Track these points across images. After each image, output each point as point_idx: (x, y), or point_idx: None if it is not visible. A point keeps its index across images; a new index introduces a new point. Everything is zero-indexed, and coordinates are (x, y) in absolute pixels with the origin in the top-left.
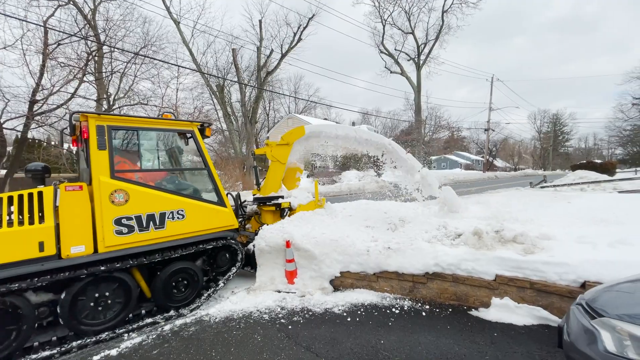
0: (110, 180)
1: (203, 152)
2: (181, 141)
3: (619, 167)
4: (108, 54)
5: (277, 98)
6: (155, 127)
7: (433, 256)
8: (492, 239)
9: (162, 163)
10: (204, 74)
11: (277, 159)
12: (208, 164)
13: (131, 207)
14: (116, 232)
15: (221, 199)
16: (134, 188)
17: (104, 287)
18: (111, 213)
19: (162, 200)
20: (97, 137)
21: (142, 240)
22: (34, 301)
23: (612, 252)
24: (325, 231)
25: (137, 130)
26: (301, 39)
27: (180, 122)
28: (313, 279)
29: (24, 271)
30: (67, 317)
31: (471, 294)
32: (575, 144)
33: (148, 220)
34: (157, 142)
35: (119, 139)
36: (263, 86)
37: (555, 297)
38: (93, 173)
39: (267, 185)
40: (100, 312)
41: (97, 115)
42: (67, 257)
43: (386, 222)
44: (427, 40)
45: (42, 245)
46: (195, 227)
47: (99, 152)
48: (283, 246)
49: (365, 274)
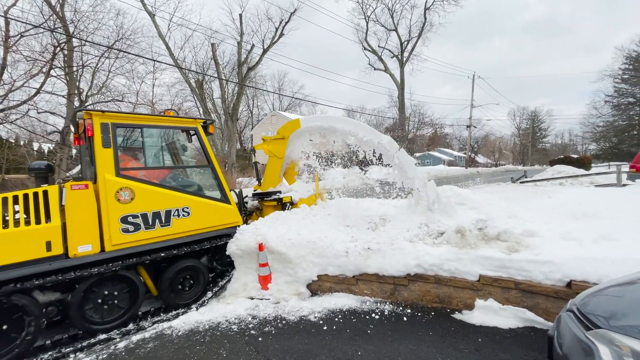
0: (116, 178)
1: (207, 149)
2: (184, 138)
3: (593, 162)
4: (79, 48)
5: (261, 95)
6: (160, 124)
7: (415, 256)
8: (475, 237)
9: (167, 160)
10: (181, 69)
11: (274, 154)
12: (212, 161)
13: (137, 205)
14: (122, 230)
15: (225, 195)
16: (139, 186)
17: (112, 286)
18: (117, 211)
19: (168, 197)
20: (101, 135)
21: (148, 238)
22: (41, 301)
23: (597, 248)
24: (302, 232)
25: (141, 128)
26: (283, 34)
27: (184, 120)
28: (288, 283)
29: (32, 271)
30: (76, 317)
31: (454, 296)
32: (552, 140)
33: (154, 218)
34: (161, 139)
35: (122, 137)
36: (244, 82)
37: (541, 298)
38: (98, 171)
39: (266, 180)
40: (108, 310)
41: (102, 113)
42: (74, 256)
43: (366, 221)
44: (410, 38)
45: (50, 244)
46: (201, 225)
47: (103, 150)
48: (256, 249)
49: (344, 276)
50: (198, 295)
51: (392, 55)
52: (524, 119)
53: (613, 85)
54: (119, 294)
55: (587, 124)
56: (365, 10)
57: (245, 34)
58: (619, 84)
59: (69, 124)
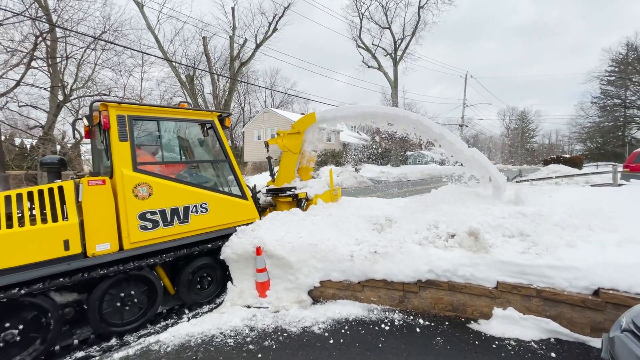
0: (133, 173)
1: (224, 143)
2: (200, 132)
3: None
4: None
5: (253, 92)
6: (176, 117)
7: (426, 261)
8: (489, 239)
9: (183, 155)
10: (171, 62)
11: (288, 149)
12: (229, 156)
13: (155, 201)
14: (141, 227)
15: (243, 191)
16: (157, 181)
17: (130, 286)
18: (135, 208)
19: (186, 193)
20: (118, 128)
21: (167, 235)
22: (59, 302)
23: (622, 252)
24: (302, 234)
25: (157, 121)
26: (277, 29)
27: (200, 112)
28: (288, 290)
29: (51, 271)
30: (95, 318)
31: (469, 304)
32: (540, 140)
33: (172, 214)
34: (177, 132)
35: (137, 130)
36: (236, 77)
37: (566, 307)
38: (115, 166)
39: (281, 176)
40: (127, 311)
41: (118, 105)
42: (92, 255)
43: (371, 222)
44: (403, 36)
45: (67, 243)
46: (219, 221)
47: (120, 143)
48: (253, 253)
49: (349, 282)
50: (217, 292)
51: (386, 54)
52: (513, 119)
53: (600, 87)
54: (137, 294)
55: (574, 125)
56: (360, 7)
57: (237, 28)
58: (605, 86)
59: (79, 117)
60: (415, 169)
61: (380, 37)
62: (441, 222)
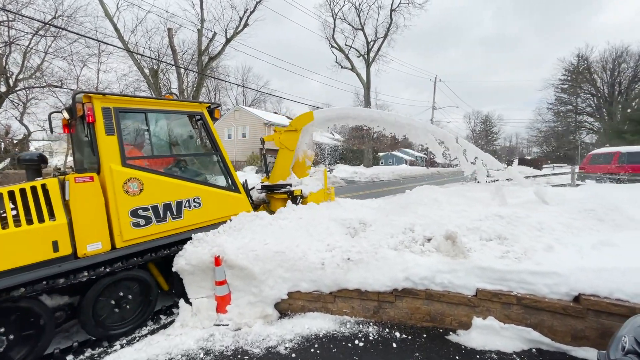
0: (123, 169)
1: (214, 135)
2: (189, 124)
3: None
4: (5, 23)
5: (223, 89)
6: (165, 108)
7: (402, 268)
8: (466, 243)
9: (173, 148)
10: (132, 53)
11: (285, 146)
12: (220, 148)
13: (146, 196)
14: (133, 224)
15: (235, 184)
16: (148, 176)
17: (125, 286)
18: (126, 204)
19: (178, 188)
20: (104, 121)
21: (160, 231)
22: (50, 305)
23: (599, 255)
24: (268, 240)
25: (145, 113)
26: (248, 24)
27: (189, 104)
28: (252, 304)
29: (41, 275)
30: (89, 322)
31: (447, 313)
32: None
33: (165, 210)
34: (166, 125)
35: (124, 123)
36: (205, 72)
37: (546, 314)
38: (103, 161)
39: (276, 172)
40: (121, 313)
41: (103, 96)
42: (84, 256)
43: (344, 226)
44: (376, 38)
45: (57, 244)
46: (213, 215)
47: (107, 137)
48: (211, 264)
49: (320, 293)
50: None
51: (359, 55)
52: (478, 122)
53: (554, 94)
54: (132, 294)
55: (532, 129)
56: (333, 7)
57: (206, 21)
58: (559, 93)
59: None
60: (387, 170)
61: (354, 38)
62: (417, 225)
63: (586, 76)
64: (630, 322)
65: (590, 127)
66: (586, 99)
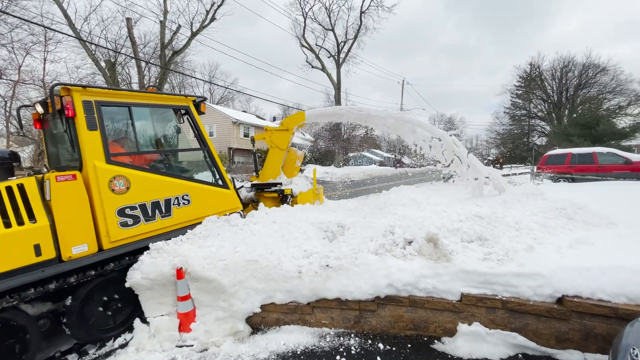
0: (107, 166)
1: (201, 129)
2: (175, 118)
3: None
4: None
5: (189, 86)
6: (149, 102)
7: (385, 274)
8: (448, 245)
9: (159, 144)
10: (85, 42)
11: (276, 145)
12: (207, 143)
13: (133, 195)
14: (121, 224)
15: (224, 180)
16: (134, 173)
17: (112, 288)
18: (113, 203)
19: (166, 185)
20: (85, 115)
21: (149, 231)
22: (33, 313)
23: (578, 254)
24: (239, 248)
25: (129, 107)
26: (215, 18)
27: (174, 97)
28: (220, 320)
29: (23, 281)
30: (76, 326)
31: (432, 320)
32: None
33: (153, 208)
34: (150, 119)
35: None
36: (168, 66)
37: (531, 318)
38: (86, 158)
39: (266, 171)
40: (110, 316)
41: (83, 89)
42: (69, 259)
43: (322, 229)
44: (346, 39)
45: (39, 248)
46: (202, 212)
47: (89, 132)
48: (172, 277)
49: (297, 304)
50: None
51: (329, 55)
52: (442, 124)
53: (510, 99)
54: (120, 296)
55: (491, 131)
56: (304, 6)
57: (170, 12)
58: (514, 98)
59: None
60: (357, 170)
61: (324, 38)
62: (397, 227)
63: (538, 83)
64: (634, 331)
65: (542, 130)
66: (538, 104)
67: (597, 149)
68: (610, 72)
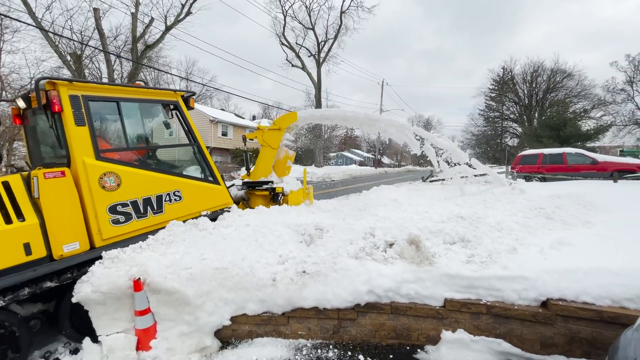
0: (97, 162)
1: (190, 125)
2: (164, 114)
3: None
4: None
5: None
6: (138, 97)
7: (365, 279)
8: (430, 247)
9: (148, 139)
10: (46, 31)
11: (268, 144)
12: (197, 139)
13: (124, 191)
14: (112, 221)
15: (214, 176)
16: (125, 169)
17: None
18: (104, 200)
19: (157, 181)
20: (73, 111)
21: (141, 227)
22: (23, 315)
23: (560, 255)
24: (207, 254)
25: (117, 102)
26: (191, 12)
27: (163, 92)
28: (185, 336)
29: (13, 281)
30: (69, 326)
31: (414, 328)
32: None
33: (145, 204)
34: (139, 114)
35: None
36: (141, 61)
37: (516, 323)
38: (75, 154)
39: (258, 170)
40: None
41: (69, 83)
42: (60, 257)
43: (298, 232)
44: (327, 38)
45: (29, 247)
46: (194, 208)
47: (77, 128)
48: (129, 289)
49: (271, 315)
50: None
51: (310, 54)
52: (420, 125)
53: (485, 101)
54: None
55: (467, 132)
56: (284, 3)
57: (142, 4)
58: (488, 101)
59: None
60: (338, 170)
61: (304, 37)
62: (378, 229)
63: (510, 86)
64: (635, 340)
65: (514, 132)
66: (510, 106)
67: (567, 149)
68: (575, 77)
